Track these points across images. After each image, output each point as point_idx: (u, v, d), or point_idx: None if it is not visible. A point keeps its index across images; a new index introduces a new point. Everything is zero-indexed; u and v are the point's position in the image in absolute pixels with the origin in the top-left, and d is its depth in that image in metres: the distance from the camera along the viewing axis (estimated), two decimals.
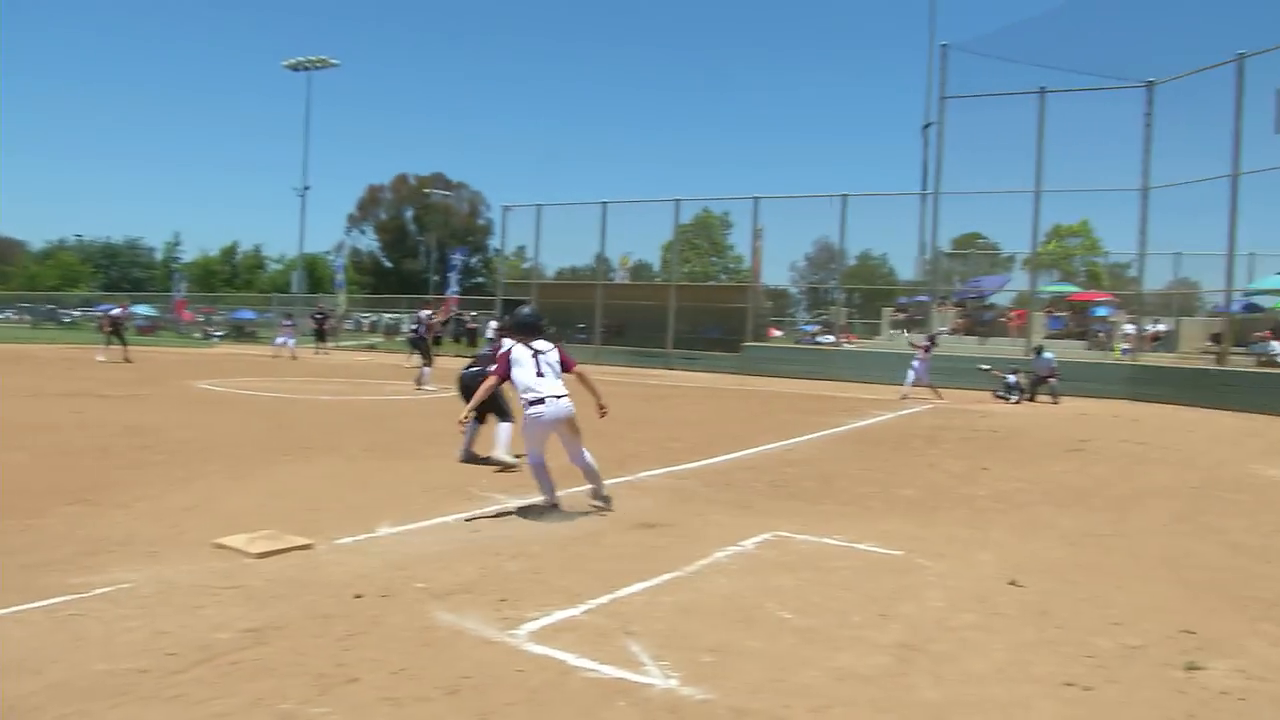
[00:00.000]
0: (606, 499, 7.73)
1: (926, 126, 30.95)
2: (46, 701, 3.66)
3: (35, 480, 8.24)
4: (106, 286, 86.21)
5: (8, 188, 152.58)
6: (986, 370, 22.69)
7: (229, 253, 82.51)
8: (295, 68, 56.88)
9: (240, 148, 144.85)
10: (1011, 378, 22.03)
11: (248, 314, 55.84)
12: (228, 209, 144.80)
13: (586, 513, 7.54)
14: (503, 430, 9.76)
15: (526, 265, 43.30)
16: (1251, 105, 23.90)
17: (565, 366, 7.63)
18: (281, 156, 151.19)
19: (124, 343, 25.99)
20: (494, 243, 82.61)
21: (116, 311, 27.83)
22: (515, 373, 7.48)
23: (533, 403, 7.37)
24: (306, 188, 56.47)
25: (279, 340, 33.47)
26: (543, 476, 7.61)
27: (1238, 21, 26.21)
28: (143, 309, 58.16)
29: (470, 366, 10.23)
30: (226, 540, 6.14)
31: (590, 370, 8.14)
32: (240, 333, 52.83)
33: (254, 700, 3.71)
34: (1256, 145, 23.85)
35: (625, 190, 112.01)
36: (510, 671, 4.09)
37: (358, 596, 5.11)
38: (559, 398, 7.44)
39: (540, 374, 7.44)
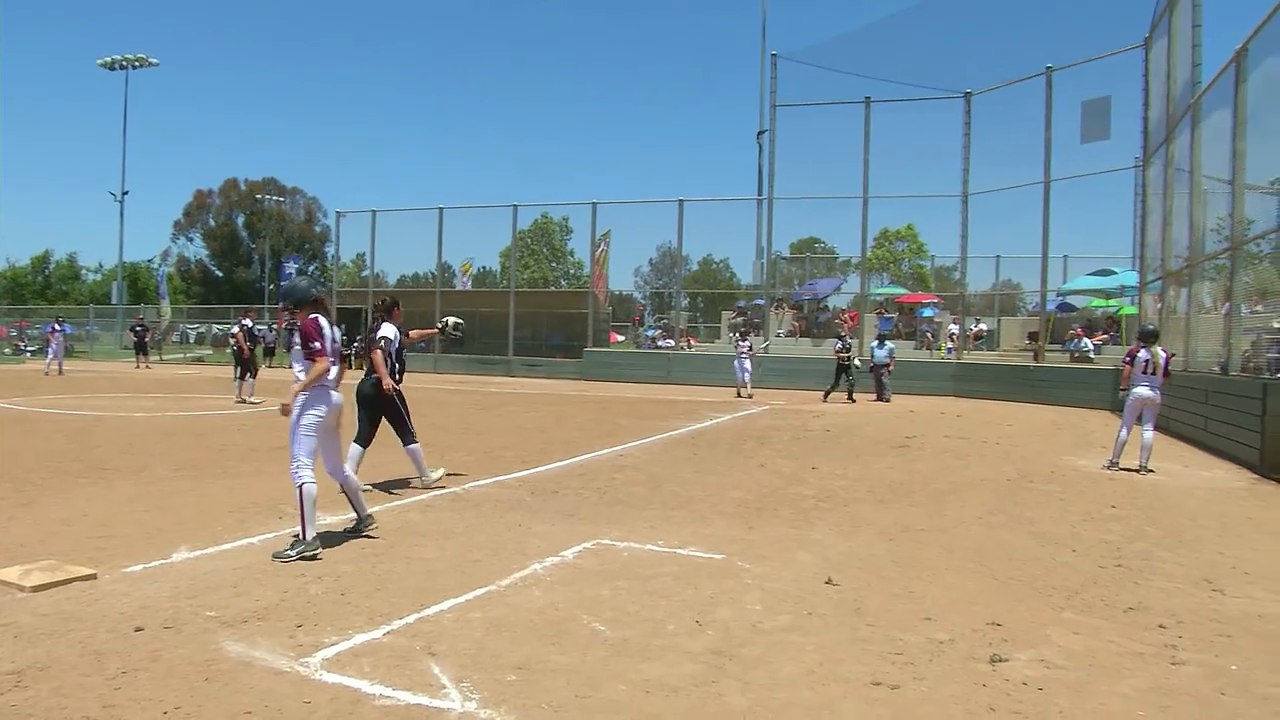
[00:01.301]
0: (365, 520, 7.03)
1: (761, 134, 31.71)
2: None
3: None
4: None
5: None
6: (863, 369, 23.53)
7: (40, 262, 77.31)
8: (110, 66, 53.95)
9: (54, 152, 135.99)
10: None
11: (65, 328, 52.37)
12: (40, 217, 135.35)
13: (404, 527, 7.27)
14: (417, 451, 9.20)
15: (365, 273, 42.18)
16: (1060, 116, 25.48)
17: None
18: (100, 161, 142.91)
19: None
20: (330, 250, 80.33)
21: None
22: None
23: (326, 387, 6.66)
24: (125, 193, 53.66)
25: (50, 355, 30.54)
26: (313, 494, 6.54)
27: (1047, 37, 28.02)
28: None
29: (370, 374, 9.11)
30: None
31: (424, 379, 7.82)
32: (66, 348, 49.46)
33: None
34: (1065, 154, 25.44)
35: (466, 198, 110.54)
36: (297, 704, 3.82)
37: (138, 629, 4.72)
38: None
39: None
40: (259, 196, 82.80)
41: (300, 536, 6.31)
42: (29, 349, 48.59)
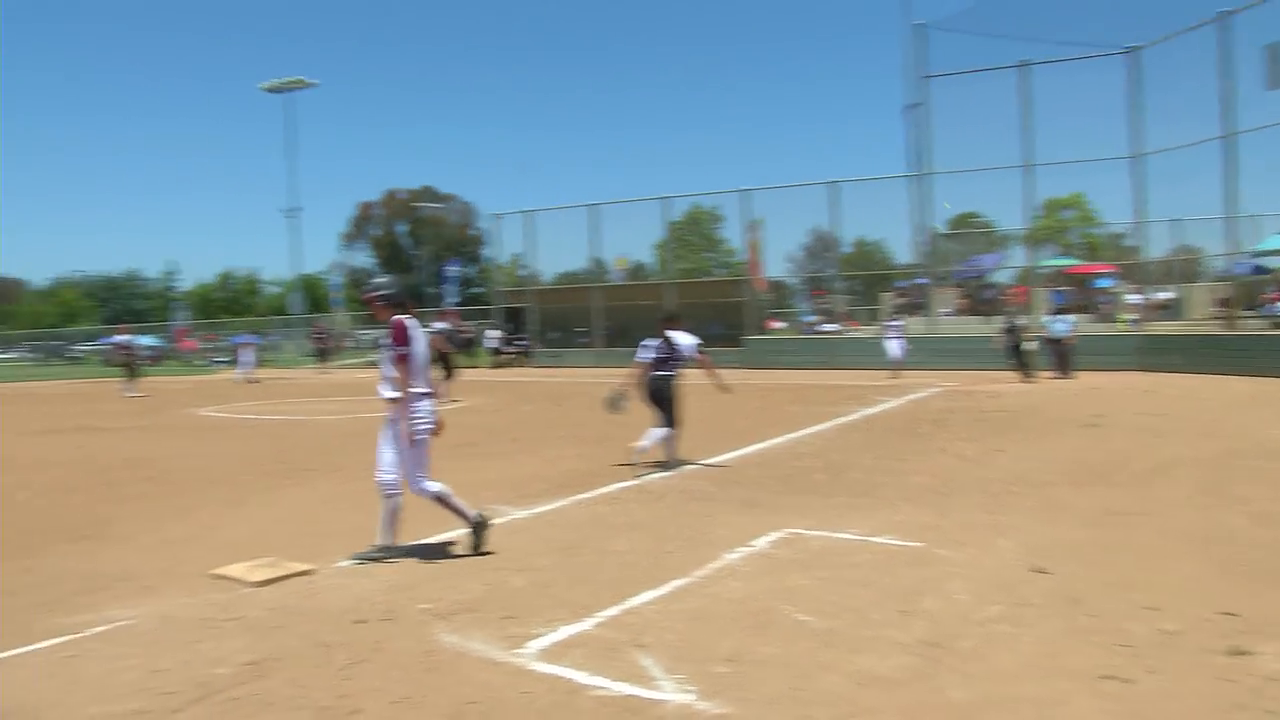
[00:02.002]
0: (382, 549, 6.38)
1: (909, 108, 30.73)
2: None
3: (36, 519, 8.13)
4: (109, 320, 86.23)
5: (5, 227, 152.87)
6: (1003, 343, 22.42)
7: (225, 278, 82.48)
8: (274, 90, 56.85)
9: (230, 173, 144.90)
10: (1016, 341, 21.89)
11: (249, 338, 55.70)
12: (221, 235, 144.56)
13: (593, 520, 7.39)
14: (659, 434, 9.85)
15: (522, 272, 43.16)
16: (1241, 63, 23.67)
17: None
18: (272, 179, 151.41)
19: (133, 374, 24.97)
20: (488, 252, 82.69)
21: (122, 340, 27.16)
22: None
23: (422, 396, 6.37)
24: (296, 209, 56.51)
25: (241, 365, 32.64)
26: (399, 505, 6.45)
27: None
28: (147, 339, 58.16)
29: (656, 370, 9.95)
30: (225, 570, 5.99)
31: (594, 373, 7.92)
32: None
33: None
34: (1250, 104, 23.62)
35: (616, 192, 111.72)
36: (516, 694, 3.92)
37: (359, 622, 4.95)
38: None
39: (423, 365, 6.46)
40: (417, 205, 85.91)
41: (470, 526, 6.46)
42: (219, 360, 51.86)
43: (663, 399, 9.93)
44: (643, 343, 10.19)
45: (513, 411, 18.07)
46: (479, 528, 6.45)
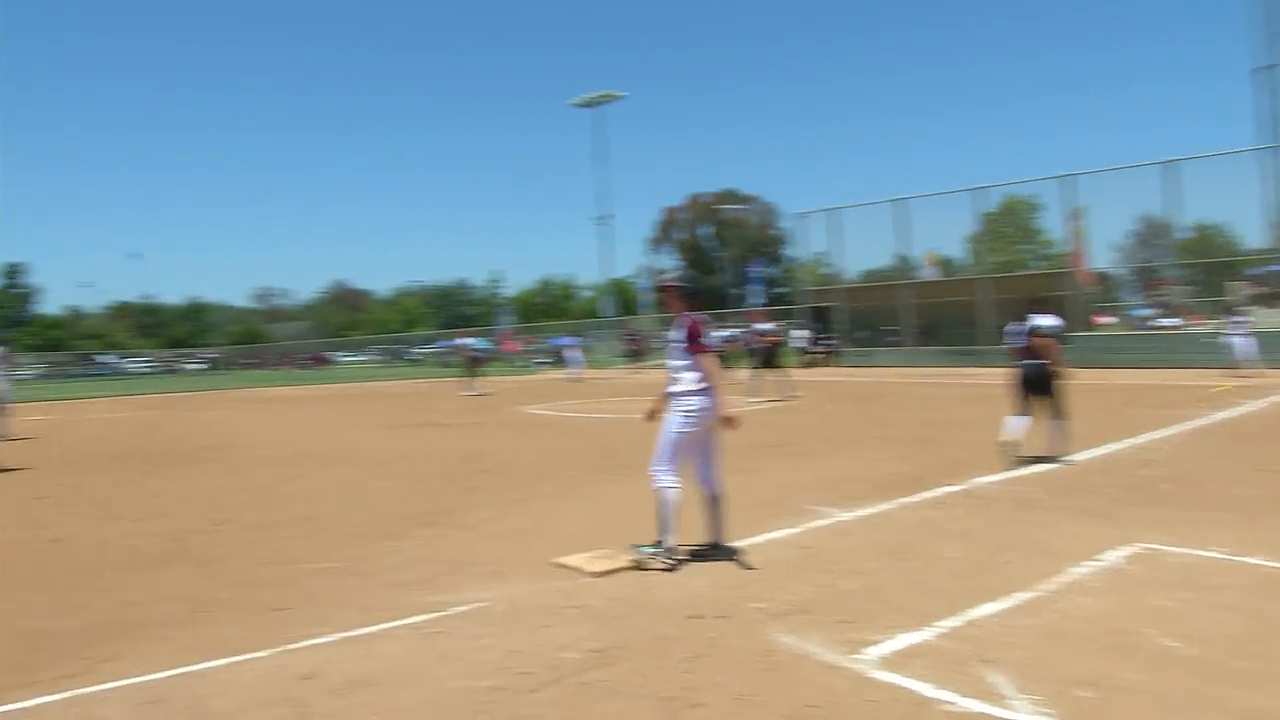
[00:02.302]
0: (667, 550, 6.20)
1: (1259, 70, 27.40)
2: (419, 717, 3.85)
3: (393, 505, 8.97)
4: (443, 325, 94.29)
5: (358, 243, 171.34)
6: None
7: (544, 285, 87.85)
8: (584, 105, 59.69)
9: (547, 186, 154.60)
10: None
11: (566, 340, 58.94)
12: (540, 244, 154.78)
13: (920, 524, 7.14)
14: (1064, 426, 9.95)
15: (825, 271, 42.75)
16: None
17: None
18: (584, 189, 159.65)
19: (473, 374, 27.23)
20: (790, 251, 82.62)
21: (467, 342, 29.54)
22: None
23: (689, 392, 6.27)
24: (607, 216, 59.13)
25: (571, 365, 34.65)
26: (675, 500, 6.28)
27: None
28: (475, 342, 62.95)
29: (1026, 359, 9.95)
30: (565, 560, 6.33)
31: (905, 373, 7.65)
32: (559, 359, 55.79)
33: None
34: None
35: (923, 186, 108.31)
36: (859, 701, 3.84)
37: (694, 617, 5.05)
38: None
39: None
40: (719, 208, 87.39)
41: (660, 541, 6.24)
42: (540, 361, 55.21)
43: (1039, 388, 9.82)
44: (1009, 328, 10.16)
45: (823, 411, 17.92)
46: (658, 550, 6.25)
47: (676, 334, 6.33)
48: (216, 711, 3.99)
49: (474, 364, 27.55)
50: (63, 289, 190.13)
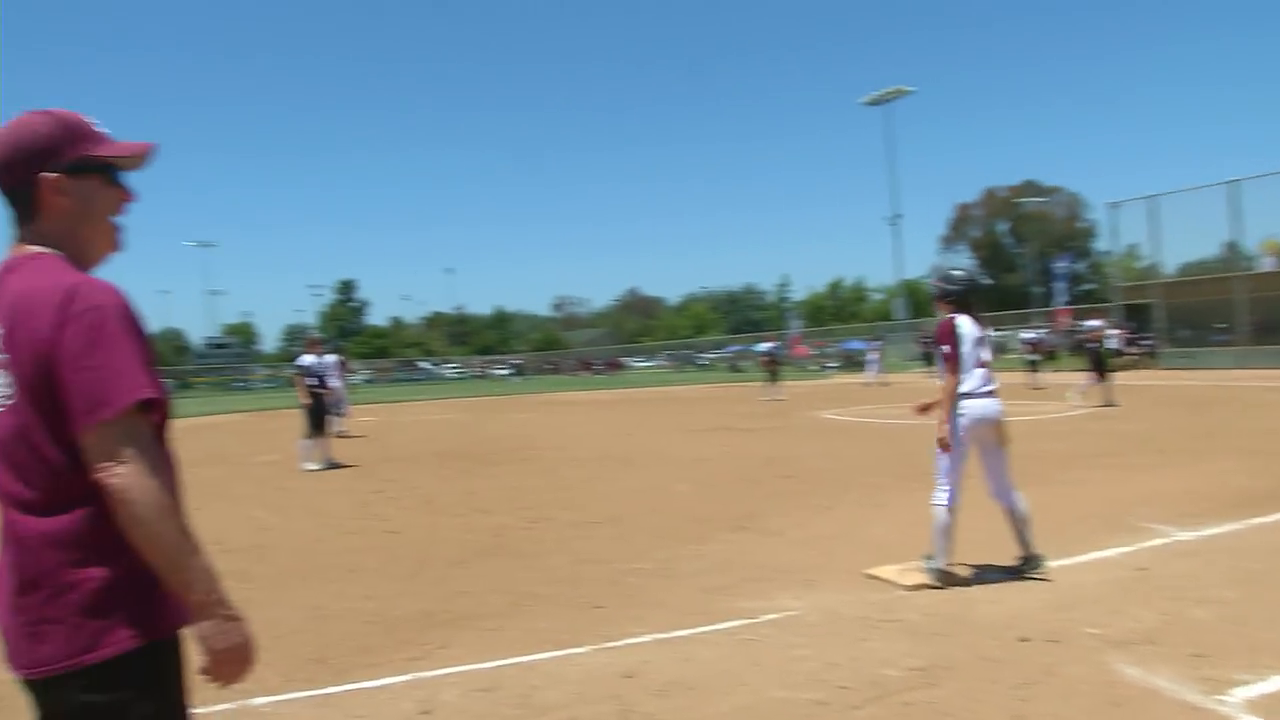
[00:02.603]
0: (1030, 559, 5.89)
1: None
2: None
3: (698, 508, 9.06)
4: (731, 330, 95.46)
5: (650, 251, 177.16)
6: None
7: (834, 288, 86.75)
8: (873, 103, 58.35)
9: (835, 186, 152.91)
10: None
11: (857, 344, 57.92)
12: (828, 246, 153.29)
13: (1278, 551, 6.32)
14: None
15: (1141, 264, 39.37)
16: None
17: None
18: (871, 187, 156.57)
19: (775, 379, 27.11)
20: (1099, 245, 76.97)
21: (768, 347, 29.69)
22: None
23: (960, 396, 5.88)
24: (898, 216, 57.45)
25: (869, 369, 33.83)
26: (945, 519, 5.89)
27: None
28: (764, 346, 63.25)
29: None
30: (878, 571, 6.12)
31: (1238, 375, 6.71)
32: (850, 363, 54.90)
33: None
34: None
35: (1257, 165, 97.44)
36: None
37: (1023, 640, 4.69)
38: (993, 394, 5.92)
39: (972, 360, 5.95)
40: (1018, 201, 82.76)
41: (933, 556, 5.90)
42: (830, 365, 54.60)
43: None
44: None
45: (1147, 418, 16.43)
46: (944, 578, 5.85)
47: (932, 339, 6.11)
48: (545, 703, 4.12)
49: (774, 368, 27.53)
50: (388, 301, 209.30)
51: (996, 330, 52.07)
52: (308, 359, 14.31)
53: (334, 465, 13.88)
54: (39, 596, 1.79)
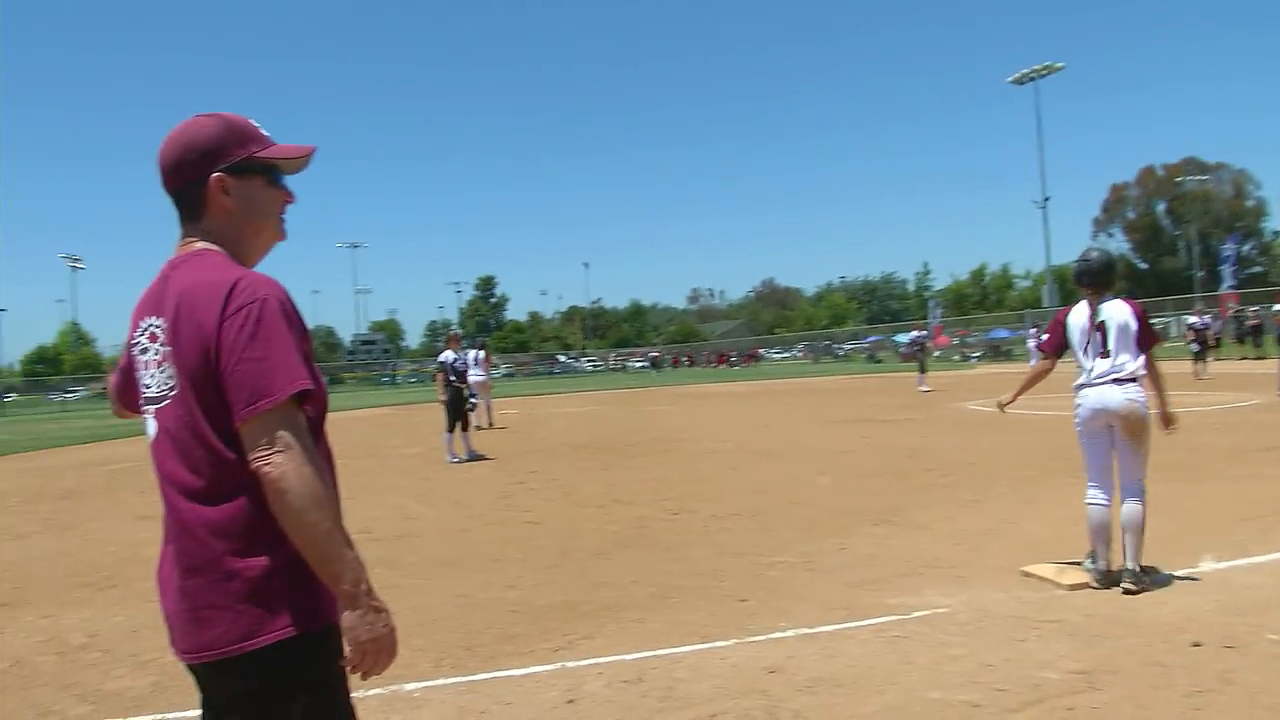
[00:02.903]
0: (1137, 575, 5.36)
1: None
2: None
3: (840, 501, 8.89)
4: (869, 320, 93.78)
5: (786, 241, 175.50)
6: None
7: (978, 275, 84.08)
8: (1020, 81, 56.23)
9: (975, 169, 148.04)
10: None
11: (1002, 333, 56.07)
12: (971, 231, 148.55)
13: None
14: None
15: None
16: None
17: (1140, 342, 5.53)
18: (1016, 170, 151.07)
19: (925, 369, 26.60)
20: (1272, 224, 72.34)
21: (918, 335, 28.83)
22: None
23: (1077, 387, 5.64)
24: (1046, 199, 55.23)
25: (1033, 358, 32.69)
26: (1093, 517, 5.63)
27: None
28: (903, 337, 61.95)
29: None
30: (1034, 568, 5.86)
31: None
32: (996, 352, 53.18)
33: None
34: None
35: None
36: None
37: (1195, 645, 4.41)
38: (1112, 382, 5.47)
39: (1089, 348, 5.59)
40: (1178, 180, 78.47)
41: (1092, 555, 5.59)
42: (974, 355, 52.99)
43: None
44: None
45: None
46: (1104, 578, 5.49)
47: (1121, 316, 5.65)
48: (690, 696, 4.09)
49: (921, 358, 26.85)
50: (526, 296, 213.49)
51: (1156, 317, 49.59)
52: (448, 355, 14.66)
53: (476, 457, 14.20)
54: (203, 582, 1.84)
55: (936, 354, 28.99)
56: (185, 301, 1.88)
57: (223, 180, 1.98)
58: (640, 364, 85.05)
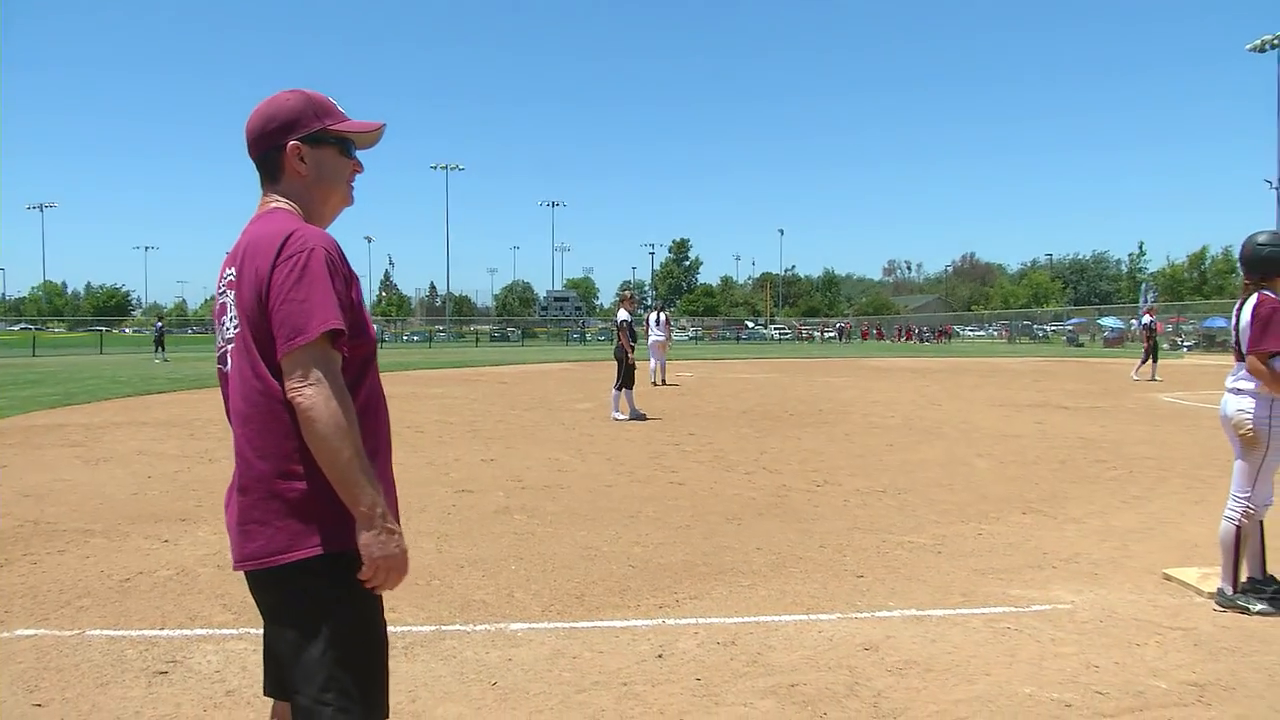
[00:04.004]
0: (1224, 596, 4.97)
1: None
2: (972, 713, 3.60)
3: (993, 487, 8.59)
4: (1074, 301, 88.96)
5: (989, 216, 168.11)
6: None
7: (1197, 259, 78.13)
8: (1260, 48, 51.72)
9: (1203, 143, 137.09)
10: None
11: (1219, 322, 52.11)
12: (1193, 213, 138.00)
13: None
14: None
15: None
16: None
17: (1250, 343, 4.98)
18: (1251, 145, 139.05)
19: (1153, 358, 24.45)
20: None
21: (1145, 320, 27.00)
22: None
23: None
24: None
25: None
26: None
27: None
28: (1109, 321, 58.55)
29: None
30: (1176, 572, 5.54)
31: None
32: (1211, 342, 49.54)
33: None
34: None
35: None
36: None
37: None
38: (1229, 391, 5.17)
39: (1237, 349, 5.16)
40: None
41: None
42: (1186, 344, 49.53)
43: None
44: None
45: None
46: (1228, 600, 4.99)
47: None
48: (776, 664, 4.12)
49: (1152, 343, 24.61)
50: (720, 261, 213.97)
51: None
52: (623, 314, 14.96)
53: (639, 416, 14.46)
54: (250, 500, 2.07)
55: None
56: (249, 250, 2.10)
57: (299, 148, 2.20)
58: (828, 334, 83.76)
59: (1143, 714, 3.61)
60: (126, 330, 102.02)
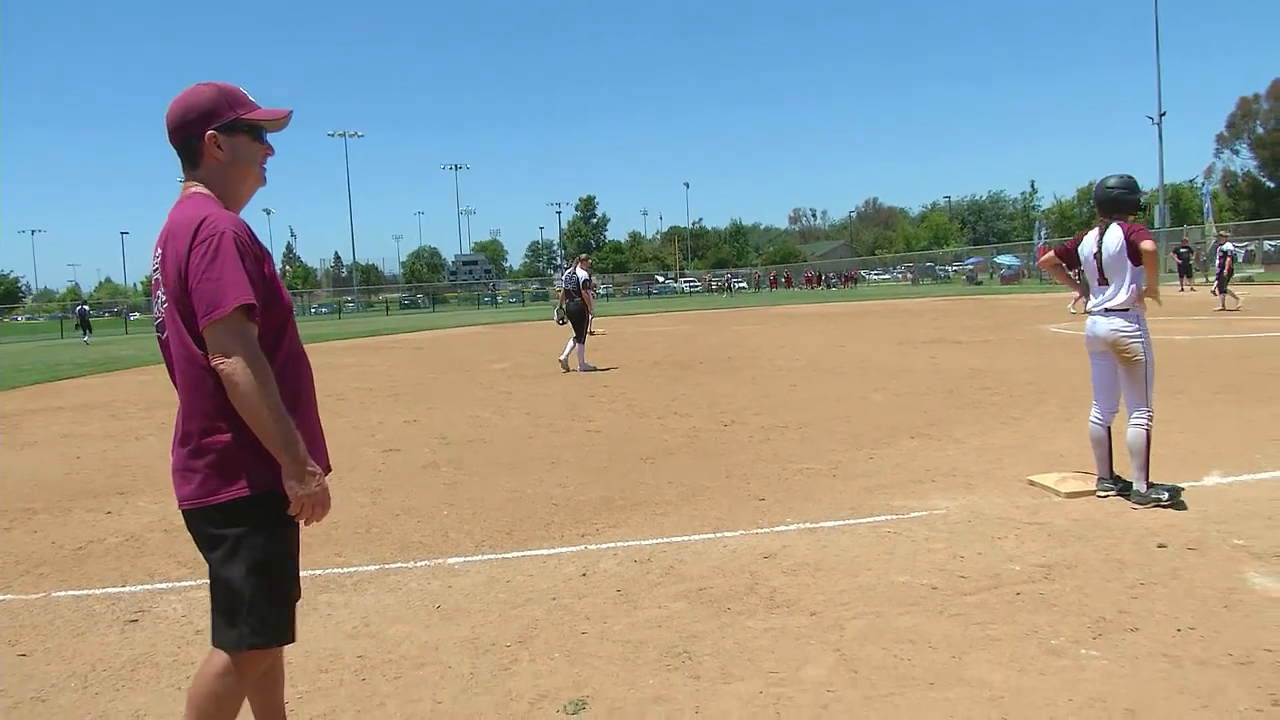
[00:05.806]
0: (1140, 494, 5.62)
1: None
2: (853, 600, 4.20)
3: (887, 417, 9.30)
4: (973, 241, 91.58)
5: (890, 159, 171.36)
6: None
7: (1085, 194, 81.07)
8: None
9: (1087, 82, 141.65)
10: None
11: None
12: (1081, 150, 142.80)
13: None
14: None
15: None
16: None
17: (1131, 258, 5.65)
18: (1133, 83, 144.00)
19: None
20: None
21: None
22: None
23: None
24: (1162, 114, 52.91)
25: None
26: (1090, 434, 6.00)
27: None
28: (1005, 259, 60.65)
29: None
30: (1039, 478, 6.24)
31: None
32: None
33: (1028, 631, 3.77)
34: None
35: None
36: None
37: (1160, 546, 4.78)
38: (1101, 312, 5.82)
39: (1099, 275, 5.88)
40: None
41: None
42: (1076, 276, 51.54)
43: None
44: None
45: None
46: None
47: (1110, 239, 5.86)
48: (687, 574, 4.67)
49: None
50: (627, 217, 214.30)
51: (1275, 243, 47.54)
52: (582, 273, 15.81)
53: (589, 369, 15.58)
54: (186, 450, 2.44)
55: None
56: (171, 233, 2.43)
57: (215, 137, 2.51)
58: (738, 284, 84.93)
59: (997, 591, 4.25)
60: (19, 318, 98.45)
